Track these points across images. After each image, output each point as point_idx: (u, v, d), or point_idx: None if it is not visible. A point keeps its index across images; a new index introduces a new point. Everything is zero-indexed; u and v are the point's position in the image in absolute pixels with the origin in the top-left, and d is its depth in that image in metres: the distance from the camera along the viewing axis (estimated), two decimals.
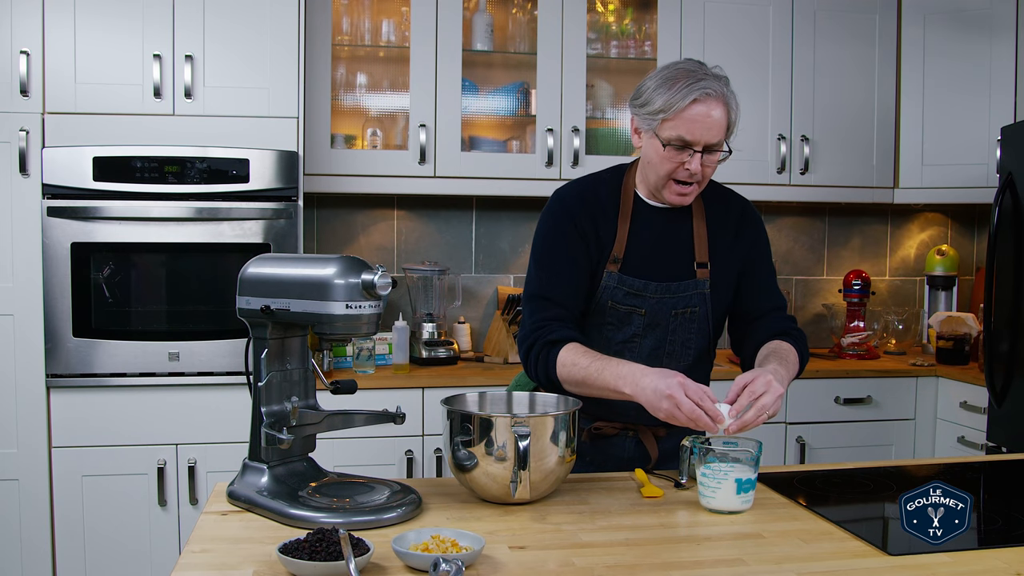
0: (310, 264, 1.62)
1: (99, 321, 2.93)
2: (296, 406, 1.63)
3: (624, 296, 1.92)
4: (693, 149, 1.82)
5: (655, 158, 1.86)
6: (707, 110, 1.79)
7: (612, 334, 1.95)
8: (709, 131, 1.81)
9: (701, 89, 1.78)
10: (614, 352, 1.91)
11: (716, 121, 1.81)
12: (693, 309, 1.95)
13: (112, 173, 2.91)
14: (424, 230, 3.75)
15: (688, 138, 1.81)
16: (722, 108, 1.81)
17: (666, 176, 1.87)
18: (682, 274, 1.94)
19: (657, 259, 1.94)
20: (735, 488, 1.61)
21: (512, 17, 3.61)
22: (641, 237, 1.94)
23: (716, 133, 1.82)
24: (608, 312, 1.94)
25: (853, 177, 3.73)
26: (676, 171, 1.85)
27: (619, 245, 1.93)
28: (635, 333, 1.94)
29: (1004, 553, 1.43)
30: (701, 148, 1.82)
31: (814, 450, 3.41)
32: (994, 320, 3.13)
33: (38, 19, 2.90)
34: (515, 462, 1.57)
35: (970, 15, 3.65)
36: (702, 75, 1.81)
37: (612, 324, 1.95)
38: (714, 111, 1.80)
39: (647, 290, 1.92)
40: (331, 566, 1.27)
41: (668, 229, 1.96)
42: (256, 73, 3.04)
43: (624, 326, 1.94)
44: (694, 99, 1.78)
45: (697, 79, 1.79)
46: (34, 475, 2.93)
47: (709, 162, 1.85)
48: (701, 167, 1.84)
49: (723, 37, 3.58)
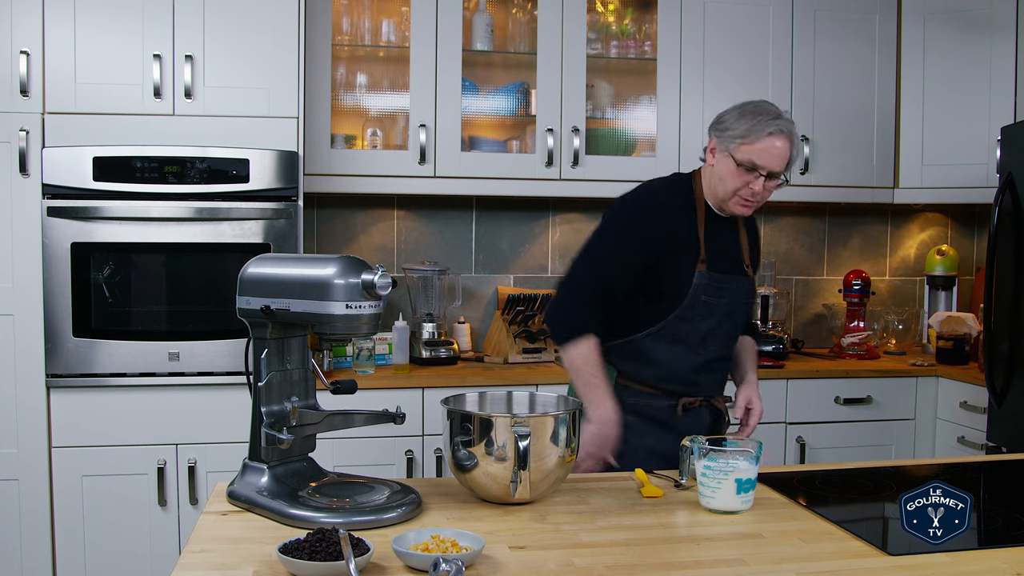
0: (310, 264, 1.62)
1: (99, 321, 2.93)
2: (296, 406, 1.63)
3: (714, 291, 2.20)
4: (759, 173, 2.13)
5: (727, 175, 2.17)
6: (777, 143, 2.12)
7: (700, 325, 2.20)
8: (775, 160, 2.13)
9: (777, 125, 2.12)
10: (699, 340, 2.21)
11: (782, 153, 2.13)
12: (749, 301, 2.33)
13: (112, 173, 2.91)
14: (424, 230, 3.75)
15: (758, 163, 2.12)
16: (789, 144, 2.14)
17: (733, 191, 2.18)
18: (740, 271, 2.29)
19: (725, 258, 2.25)
20: (735, 488, 1.61)
21: (512, 17, 3.61)
22: (714, 240, 2.23)
23: (780, 163, 2.14)
24: (700, 306, 2.19)
25: (853, 177, 3.73)
26: (742, 189, 2.16)
27: (703, 247, 2.21)
28: (718, 322, 2.22)
29: (1004, 553, 1.43)
30: (766, 174, 2.13)
31: (814, 450, 3.41)
32: (994, 320, 3.13)
33: (38, 19, 2.90)
34: (515, 462, 1.57)
35: (970, 15, 3.65)
36: (778, 114, 2.15)
37: (702, 316, 2.20)
38: (783, 145, 2.13)
39: (729, 282, 2.23)
40: (331, 566, 1.27)
41: (727, 234, 2.29)
42: (256, 73, 3.04)
43: (709, 317, 2.21)
44: (770, 132, 2.11)
45: (775, 116, 2.14)
46: (34, 475, 2.93)
47: (769, 187, 2.17)
48: (763, 189, 2.15)
49: (723, 37, 3.58)
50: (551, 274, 3.85)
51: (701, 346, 2.22)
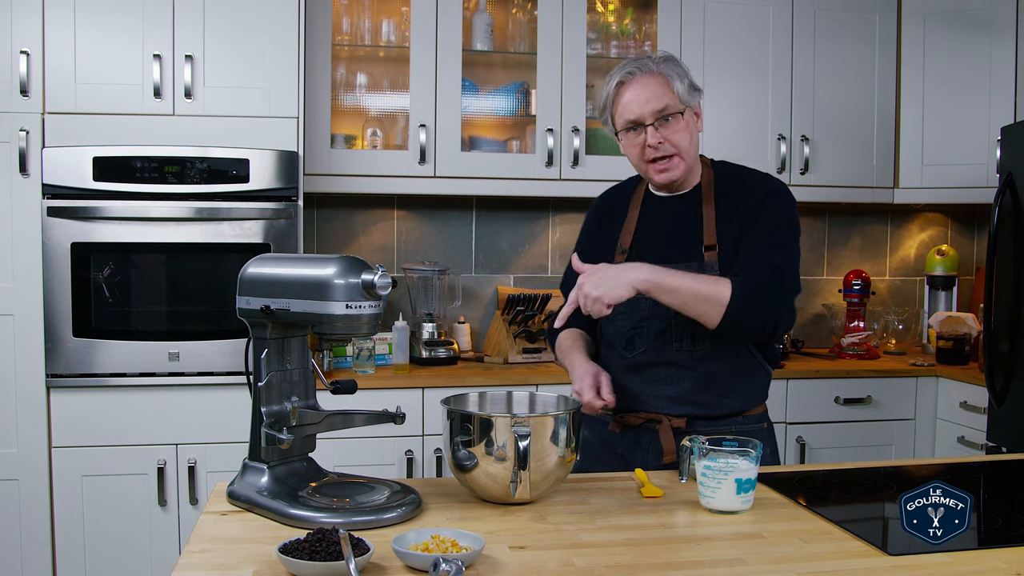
0: (310, 264, 1.62)
1: (99, 321, 2.93)
2: (296, 406, 1.63)
3: None
4: (644, 124, 1.90)
5: (627, 152, 1.97)
6: (636, 86, 1.89)
7: (622, 322, 2.00)
8: (647, 104, 1.88)
9: (623, 71, 1.90)
10: (626, 339, 1.99)
11: (651, 92, 1.88)
12: None
13: (112, 173, 2.91)
14: (424, 230, 3.75)
15: (631, 118, 1.90)
16: (654, 79, 1.89)
17: (640, 162, 1.96)
18: (687, 256, 1.94)
19: (664, 245, 1.99)
20: (735, 488, 1.61)
21: (512, 17, 3.61)
22: (650, 227, 2.03)
23: (656, 102, 1.88)
24: None
25: (853, 177, 3.73)
26: (643, 153, 1.93)
27: (626, 236, 2.04)
28: (642, 318, 1.97)
29: (1004, 553, 1.43)
30: (651, 121, 1.89)
31: (814, 450, 3.41)
32: (994, 320, 3.13)
33: (38, 19, 2.90)
34: (515, 462, 1.57)
35: (970, 15, 3.65)
36: (631, 61, 1.92)
37: (623, 313, 1.98)
38: (646, 83, 1.88)
39: None
40: (331, 566, 1.27)
41: (676, 216, 2.01)
42: (256, 73, 3.04)
43: (632, 313, 1.97)
44: (618, 82, 1.91)
45: (624, 65, 1.92)
46: (34, 475, 2.93)
47: (671, 130, 1.90)
48: (665, 138, 1.90)
49: (723, 37, 3.58)
50: (551, 274, 3.85)
51: (627, 347, 1.98)
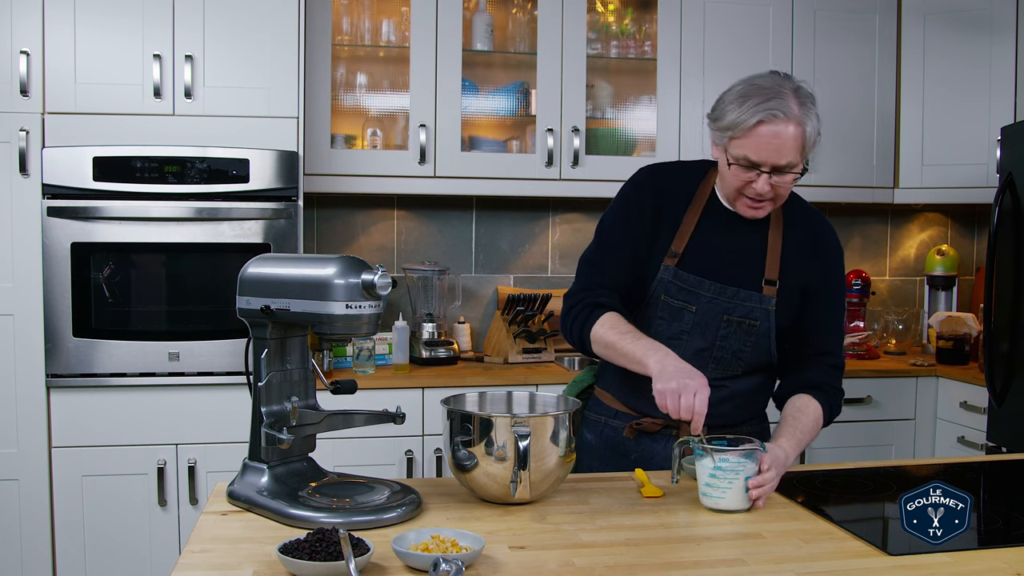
0: (310, 264, 1.62)
1: (99, 321, 2.93)
2: (296, 406, 1.63)
3: (677, 291, 1.90)
4: (760, 170, 1.78)
5: (725, 173, 1.84)
6: (775, 131, 1.73)
7: (662, 328, 1.92)
8: (777, 153, 1.74)
9: (768, 110, 1.72)
10: None
11: (786, 142, 1.73)
12: (752, 322, 1.90)
13: (112, 173, 2.91)
14: (424, 230, 3.75)
15: (754, 159, 1.76)
16: (794, 128, 1.73)
17: (735, 191, 1.85)
18: (746, 283, 1.89)
19: (720, 261, 1.90)
20: (744, 487, 1.61)
21: (512, 17, 3.61)
22: (708, 236, 1.91)
23: (785, 155, 1.75)
24: (660, 306, 1.91)
25: (853, 177, 3.73)
26: (744, 188, 1.83)
27: (680, 240, 1.91)
28: (683, 330, 1.90)
29: (1004, 553, 1.43)
30: (768, 169, 1.77)
31: (814, 450, 3.41)
32: (994, 320, 3.12)
33: (38, 19, 2.90)
34: (515, 462, 1.57)
35: (970, 15, 3.65)
36: (775, 93, 1.73)
37: (663, 318, 1.92)
38: (783, 132, 1.73)
39: (701, 288, 1.89)
40: (331, 566, 1.27)
41: (740, 235, 1.92)
42: (256, 73, 3.04)
43: (674, 321, 1.91)
44: (759, 120, 1.73)
45: (768, 98, 1.73)
46: (34, 475, 2.93)
47: (781, 182, 1.79)
48: (773, 187, 1.80)
49: (723, 37, 3.58)
50: (551, 274, 3.85)
51: None
